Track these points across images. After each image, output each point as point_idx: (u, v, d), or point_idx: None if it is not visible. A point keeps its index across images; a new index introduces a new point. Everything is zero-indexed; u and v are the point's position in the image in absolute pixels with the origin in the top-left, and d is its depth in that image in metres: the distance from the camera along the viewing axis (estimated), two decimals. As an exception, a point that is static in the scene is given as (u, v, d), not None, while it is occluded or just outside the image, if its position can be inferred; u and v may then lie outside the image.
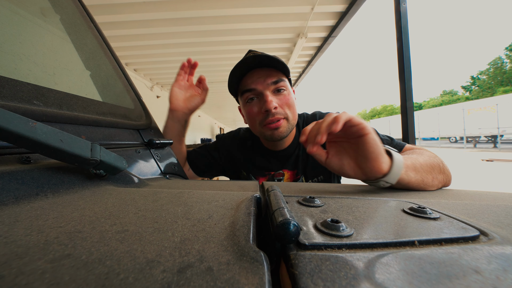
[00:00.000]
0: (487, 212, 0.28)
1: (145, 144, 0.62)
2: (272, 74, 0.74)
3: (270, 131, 0.75)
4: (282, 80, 0.75)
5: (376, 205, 0.29)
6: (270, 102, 0.71)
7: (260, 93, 0.74)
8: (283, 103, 0.75)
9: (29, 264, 0.14)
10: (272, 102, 0.71)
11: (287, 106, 0.76)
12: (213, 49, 3.94)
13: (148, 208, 0.25)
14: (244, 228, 0.20)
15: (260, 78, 0.73)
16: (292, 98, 0.77)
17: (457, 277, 0.14)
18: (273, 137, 0.76)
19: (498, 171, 5.72)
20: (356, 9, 2.79)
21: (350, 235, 0.20)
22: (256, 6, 2.77)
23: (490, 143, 16.07)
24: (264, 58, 0.72)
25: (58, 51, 0.54)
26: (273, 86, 0.74)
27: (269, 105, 0.71)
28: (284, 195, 0.31)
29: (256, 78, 0.74)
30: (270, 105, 0.71)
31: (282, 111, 0.75)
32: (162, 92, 6.06)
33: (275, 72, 0.75)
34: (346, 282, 0.14)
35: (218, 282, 0.13)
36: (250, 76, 0.75)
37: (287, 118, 0.76)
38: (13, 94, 0.34)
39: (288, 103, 0.76)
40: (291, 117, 0.77)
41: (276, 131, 0.74)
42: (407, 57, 1.82)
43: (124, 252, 0.16)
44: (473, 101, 15.35)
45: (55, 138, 0.27)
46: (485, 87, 42.56)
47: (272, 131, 0.74)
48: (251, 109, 0.77)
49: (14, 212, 0.22)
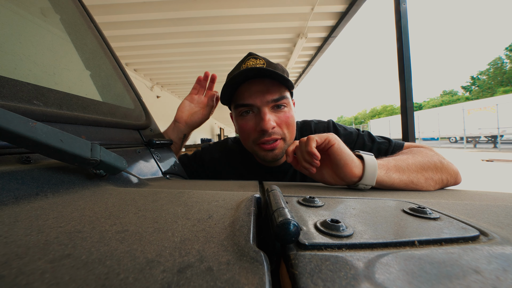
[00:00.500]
0: (487, 212, 0.28)
1: (145, 144, 0.62)
2: (273, 89, 0.65)
3: (264, 151, 0.68)
4: (283, 97, 0.66)
5: (376, 205, 0.29)
6: (268, 122, 0.63)
7: (257, 108, 0.66)
8: (282, 122, 0.67)
9: (29, 264, 0.14)
10: (270, 122, 0.63)
11: (286, 126, 0.68)
12: (213, 49, 3.94)
13: (148, 208, 0.25)
14: (244, 228, 0.20)
15: (258, 93, 0.64)
16: (292, 116, 0.69)
17: (457, 277, 0.14)
18: (266, 158, 0.69)
19: (498, 171, 5.73)
20: (356, 9, 2.80)
21: (350, 235, 0.20)
22: (256, 6, 2.78)
23: (490, 143, 16.08)
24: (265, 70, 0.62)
25: (58, 51, 0.54)
26: (273, 103, 0.66)
27: (266, 125, 0.63)
28: (284, 195, 0.31)
29: (255, 91, 0.65)
30: (267, 126, 0.63)
31: (279, 131, 0.67)
32: (162, 92, 6.06)
33: (276, 85, 0.65)
34: (346, 282, 0.14)
35: (218, 282, 0.13)
36: (247, 88, 0.66)
37: (284, 139, 0.68)
38: (13, 94, 0.34)
39: (287, 122, 0.68)
40: (289, 137, 0.69)
41: (271, 152, 0.67)
42: (407, 57, 1.83)
43: (124, 252, 0.16)
44: (473, 101, 15.36)
45: (55, 138, 0.27)
46: (485, 87, 42.57)
47: (266, 152, 0.68)
48: (245, 124, 0.68)
49: (14, 212, 0.22)
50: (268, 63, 0.66)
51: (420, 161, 0.50)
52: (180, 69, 4.88)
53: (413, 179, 0.47)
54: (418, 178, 0.47)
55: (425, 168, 0.49)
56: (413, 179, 0.47)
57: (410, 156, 0.52)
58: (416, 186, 0.47)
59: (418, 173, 0.48)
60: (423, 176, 0.48)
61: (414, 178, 0.47)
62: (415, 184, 0.47)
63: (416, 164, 0.49)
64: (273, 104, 0.66)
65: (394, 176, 0.46)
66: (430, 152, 0.57)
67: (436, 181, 0.49)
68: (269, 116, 0.64)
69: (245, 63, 0.67)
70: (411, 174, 0.47)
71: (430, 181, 0.48)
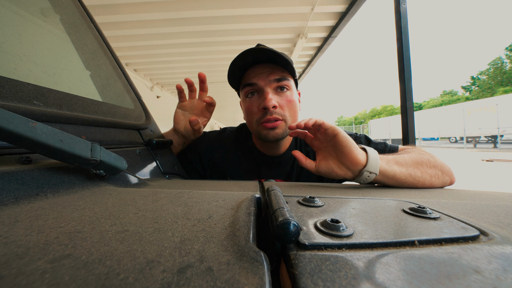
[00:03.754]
0: (487, 212, 0.28)
1: (145, 144, 0.62)
2: (276, 71, 0.69)
3: (265, 130, 0.70)
4: (286, 78, 0.70)
5: (376, 205, 0.29)
6: (270, 100, 0.67)
7: (260, 89, 0.70)
8: (284, 103, 0.70)
9: (29, 264, 0.14)
10: (272, 100, 0.67)
11: (288, 107, 0.71)
12: (213, 49, 3.94)
13: (148, 208, 0.25)
14: (244, 228, 0.20)
15: (262, 73, 0.69)
16: (294, 100, 0.73)
17: (457, 277, 0.14)
18: (268, 138, 0.71)
19: (498, 171, 5.73)
20: (356, 9, 2.80)
21: (350, 235, 0.20)
22: (256, 6, 2.78)
23: (490, 143, 16.07)
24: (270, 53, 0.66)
25: (58, 51, 0.54)
26: (276, 83, 0.69)
27: (268, 102, 0.66)
28: (284, 195, 0.31)
29: (259, 72, 0.69)
30: (268, 103, 0.66)
31: (281, 112, 0.70)
32: (162, 92, 6.06)
33: (280, 69, 0.70)
34: (346, 282, 0.14)
35: (218, 282, 0.13)
36: (253, 70, 0.71)
37: (285, 120, 0.71)
38: (13, 94, 0.34)
39: (289, 104, 0.71)
40: (290, 120, 0.72)
41: (272, 131, 0.70)
42: (407, 57, 1.83)
43: (124, 252, 0.16)
44: (473, 101, 15.35)
45: (55, 138, 0.27)
46: (485, 87, 42.57)
47: (268, 130, 0.70)
48: (250, 105, 0.72)
49: (14, 212, 0.22)
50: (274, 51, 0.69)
51: (415, 157, 0.55)
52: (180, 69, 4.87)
53: (411, 172, 0.51)
54: (415, 172, 0.51)
55: (420, 163, 0.53)
56: (411, 172, 0.51)
57: (405, 154, 0.57)
58: (414, 179, 0.51)
59: (415, 168, 0.52)
60: (419, 170, 0.52)
61: (412, 171, 0.51)
62: (413, 177, 0.51)
63: (412, 159, 0.54)
64: (276, 84, 0.70)
65: (395, 168, 0.49)
66: (422, 151, 0.62)
67: (432, 175, 0.53)
68: (271, 96, 0.68)
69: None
70: (409, 168, 0.51)
71: (426, 175, 0.52)
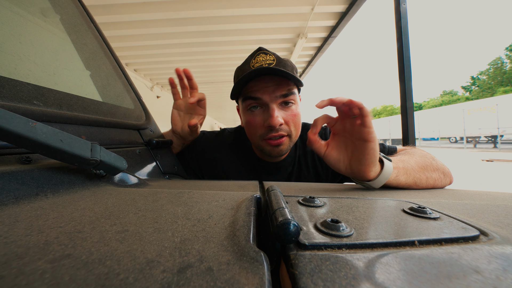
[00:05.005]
0: (487, 212, 0.28)
1: (145, 144, 0.62)
2: (282, 85, 0.66)
3: (270, 146, 0.69)
4: (292, 93, 0.67)
5: (376, 205, 0.29)
6: (276, 118, 0.64)
7: (265, 104, 0.67)
8: (289, 118, 0.68)
9: (29, 264, 0.14)
10: (278, 118, 0.65)
11: (293, 123, 0.69)
12: (213, 49, 3.94)
13: (148, 208, 0.25)
14: (244, 228, 0.20)
15: (268, 88, 0.65)
16: (299, 114, 0.71)
17: (457, 277, 0.14)
18: (272, 154, 0.70)
19: (498, 171, 5.72)
20: (356, 9, 2.80)
21: (350, 235, 0.20)
22: (256, 6, 2.78)
23: (490, 143, 16.07)
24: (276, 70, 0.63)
25: (58, 51, 0.54)
26: (282, 99, 0.67)
27: (275, 121, 0.64)
28: (284, 195, 0.31)
29: (263, 86, 0.65)
30: (275, 122, 0.64)
31: (286, 128, 0.68)
32: (162, 92, 6.06)
33: (285, 82, 0.66)
34: (346, 282, 0.14)
35: (218, 282, 0.13)
36: (256, 82, 0.66)
37: (290, 136, 0.70)
38: (13, 94, 0.34)
39: (294, 119, 0.69)
40: (294, 135, 0.71)
41: (277, 148, 0.69)
42: (407, 57, 1.83)
43: (124, 252, 0.16)
44: (473, 101, 15.35)
45: (55, 138, 0.27)
46: (485, 87, 42.56)
47: (272, 147, 0.69)
48: (253, 119, 0.69)
49: (14, 212, 0.22)
50: (278, 59, 0.67)
51: (419, 162, 0.53)
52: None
53: (416, 180, 0.50)
54: (420, 178, 0.50)
55: (425, 168, 0.52)
56: (416, 180, 0.50)
57: (411, 158, 0.55)
58: (417, 186, 0.50)
59: (421, 173, 0.51)
60: (425, 176, 0.51)
61: (418, 178, 0.50)
62: (417, 184, 0.50)
63: (418, 165, 0.52)
64: (281, 100, 0.67)
65: (402, 179, 0.48)
66: (422, 152, 0.60)
67: (436, 179, 0.52)
68: (277, 113, 0.66)
69: (255, 58, 0.68)
70: (416, 175, 0.50)
71: (430, 181, 0.51)
